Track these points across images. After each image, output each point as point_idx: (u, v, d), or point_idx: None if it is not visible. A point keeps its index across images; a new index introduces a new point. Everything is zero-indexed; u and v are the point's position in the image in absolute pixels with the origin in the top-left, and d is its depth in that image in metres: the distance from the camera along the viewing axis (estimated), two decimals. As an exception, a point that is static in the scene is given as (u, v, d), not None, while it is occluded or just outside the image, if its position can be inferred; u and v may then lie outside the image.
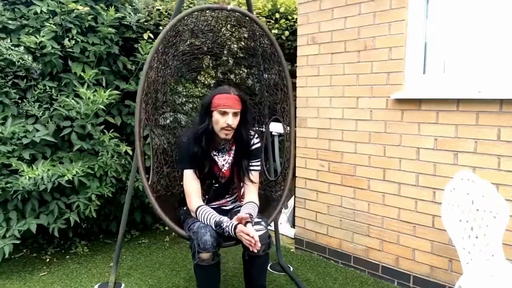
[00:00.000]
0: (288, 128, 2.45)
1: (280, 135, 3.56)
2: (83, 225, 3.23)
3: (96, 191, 2.73)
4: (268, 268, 2.80)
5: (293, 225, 3.29)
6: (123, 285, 2.57)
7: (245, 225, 1.85)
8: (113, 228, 3.32)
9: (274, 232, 2.95)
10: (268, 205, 2.41)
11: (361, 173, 2.72)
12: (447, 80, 2.33)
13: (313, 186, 3.02)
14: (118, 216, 3.19)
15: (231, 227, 1.85)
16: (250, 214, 1.96)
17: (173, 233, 3.30)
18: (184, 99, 2.68)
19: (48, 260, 2.94)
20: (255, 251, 1.80)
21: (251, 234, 1.79)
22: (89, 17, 2.80)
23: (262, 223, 1.99)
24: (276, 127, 3.42)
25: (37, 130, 2.62)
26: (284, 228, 3.44)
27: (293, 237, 3.27)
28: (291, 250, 3.18)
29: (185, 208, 2.19)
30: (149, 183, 2.20)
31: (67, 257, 3.00)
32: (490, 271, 1.78)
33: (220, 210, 2.16)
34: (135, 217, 3.36)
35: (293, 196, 3.27)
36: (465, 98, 2.21)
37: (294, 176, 3.12)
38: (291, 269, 2.81)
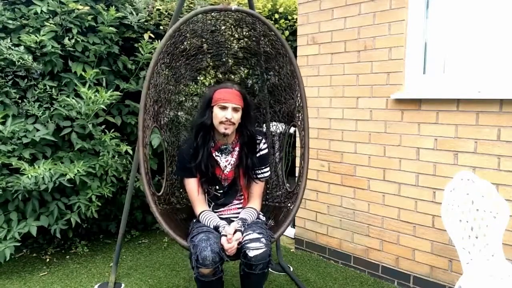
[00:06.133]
0: (303, 132, 2.21)
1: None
2: (83, 226, 3.23)
3: (96, 191, 2.73)
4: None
5: (293, 225, 3.29)
6: (123, 285, 2.57)
7: (234, 233, 1.87)
8: (113, 228, 3.32)
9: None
10: (279, 216, 2.28)
11: (361, 173, 2.72)
12: (447, 80, 2.33)
13: (313, 186, 3.02)
14: (118, 216, 3.20)
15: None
16: (244, 219, 1.95)
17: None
18: (183, 98, 2.67)
19: (48, 260, 2.94)
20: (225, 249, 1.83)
21: (233, 239, 1.83)
22: (89, 17, 2.80)
23: (262, 240, 1.83)
24: (275, 128, 3.39)
25: (37, 130, 2.62)
26: (284, 228, 3.43)
27: (293, 237, 3.27)
28: (291, 250, 3.18)
29: (194, 220, 2.12)
30: (161, 193, 2.18)
31: (67, 257, 3.00)
32: (490, 271, 1.78)
33: (230, 221, 2.03)
34: (136, 216, 3.36)
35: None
36: (465, 98, 2.21)
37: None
38: (291, 269, 2.81)
